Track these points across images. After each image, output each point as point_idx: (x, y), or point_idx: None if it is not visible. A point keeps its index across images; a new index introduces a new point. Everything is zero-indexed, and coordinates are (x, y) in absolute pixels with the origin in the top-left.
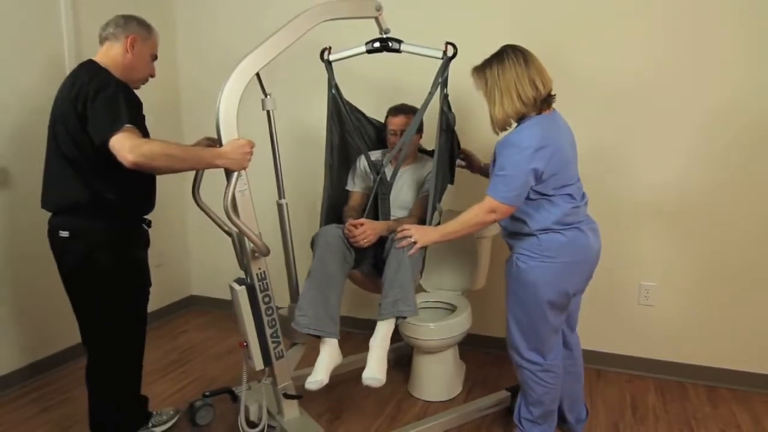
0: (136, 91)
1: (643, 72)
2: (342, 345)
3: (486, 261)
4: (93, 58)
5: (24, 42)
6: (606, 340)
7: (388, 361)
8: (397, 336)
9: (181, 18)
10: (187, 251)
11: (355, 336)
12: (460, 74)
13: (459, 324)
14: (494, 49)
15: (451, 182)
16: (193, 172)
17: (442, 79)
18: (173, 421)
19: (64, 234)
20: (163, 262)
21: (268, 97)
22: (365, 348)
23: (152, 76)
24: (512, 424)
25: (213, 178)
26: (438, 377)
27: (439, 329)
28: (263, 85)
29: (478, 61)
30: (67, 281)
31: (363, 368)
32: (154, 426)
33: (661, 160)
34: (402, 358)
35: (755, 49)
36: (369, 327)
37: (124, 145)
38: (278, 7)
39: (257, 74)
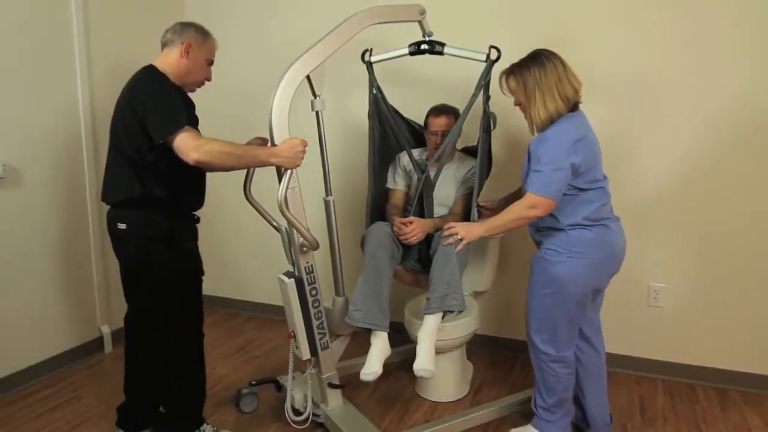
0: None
1: (645, 71)
2: (349, 344)
3: (494, 262)
4: (153, 63)
5: (35, 50)
6: (615, 341)
7: (396, 362)
8: (403, 337)
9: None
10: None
11: (361, 336)
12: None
13: (466, 325)
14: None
15: (486, 178)
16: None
17: (485, 82)
18: None
19: (122, 226)
20: None
21: (318, 98)
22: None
23: (208, 80)
24: (529, 412)
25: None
26: (445, 378)
27: (446, 330)
28: (313, 86)
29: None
30: (125, 270)
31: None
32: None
33: (670, 160)
34: (409, 358)
35: (757, 45)
36: None
37: (188, 144)
38: (286, 15)
39: (307, 76)
